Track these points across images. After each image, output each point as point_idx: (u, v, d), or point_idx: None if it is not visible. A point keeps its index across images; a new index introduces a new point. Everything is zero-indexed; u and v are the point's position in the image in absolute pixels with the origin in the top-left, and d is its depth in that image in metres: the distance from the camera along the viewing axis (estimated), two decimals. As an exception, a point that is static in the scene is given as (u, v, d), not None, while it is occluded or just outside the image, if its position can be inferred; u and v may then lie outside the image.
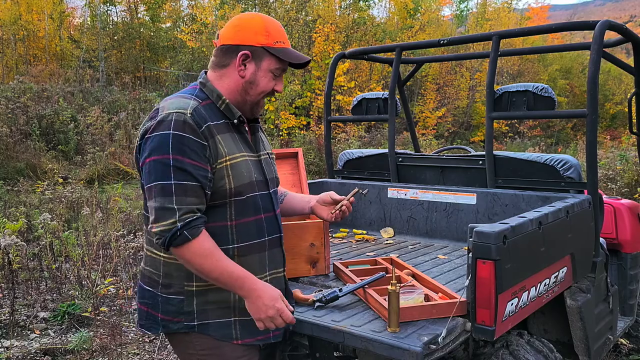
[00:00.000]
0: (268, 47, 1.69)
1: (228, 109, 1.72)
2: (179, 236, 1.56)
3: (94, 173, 11.55)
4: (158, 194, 1.57)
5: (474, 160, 3.30)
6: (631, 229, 3.40)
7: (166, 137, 1.58)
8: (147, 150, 1.61)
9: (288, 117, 16.67)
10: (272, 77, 1.73)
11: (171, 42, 21.69)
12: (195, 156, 1.59)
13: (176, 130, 1.58)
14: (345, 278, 2.34)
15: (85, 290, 4.77)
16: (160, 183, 1.57)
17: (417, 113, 21.01)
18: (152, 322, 1.75)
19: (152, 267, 1.76)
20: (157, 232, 1.58)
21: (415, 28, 23.53)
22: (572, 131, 25.72)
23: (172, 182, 1.56)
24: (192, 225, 1.57)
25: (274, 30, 1.71)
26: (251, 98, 1.74)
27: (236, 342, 1.72)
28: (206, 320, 1.70)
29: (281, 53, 1.70)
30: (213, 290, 1.69)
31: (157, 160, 1.58)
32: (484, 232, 1.88)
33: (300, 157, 3.18)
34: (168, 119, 1.60)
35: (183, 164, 1.57)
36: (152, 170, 1.59)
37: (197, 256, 1.58)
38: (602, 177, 9.36)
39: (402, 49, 3.57)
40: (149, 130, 1.62)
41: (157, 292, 1.74)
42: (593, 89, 2.66)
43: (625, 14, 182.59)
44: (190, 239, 1.56)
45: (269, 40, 1.69)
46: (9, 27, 19.49)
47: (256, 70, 1.71)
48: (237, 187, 1.68)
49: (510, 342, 2.17)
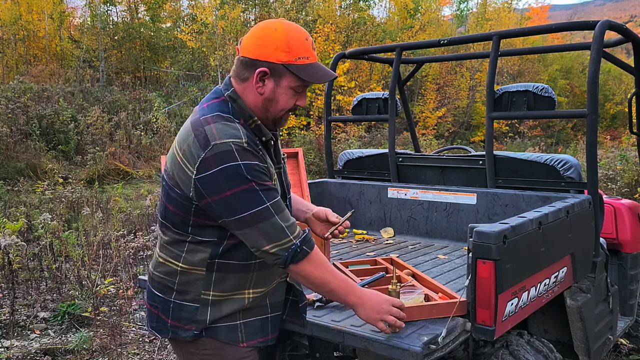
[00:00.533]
0: (288, 65, 1.59)
1: (259, 129, 1.67)
2: (300, 252, 1.58)
3: (94, 173, 11.56)
4: (258, 220, 1.54)
5: (474, 160, 3.30)
6: (631, 229, 3.39)
7: (238, 168, 1.52)
8: (219, 186, 1.53)
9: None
10: (292, 94, 1.65)
11: (171, 42, 21.70)
12: (267, 178, 1.58)
13: (243, 160, 1.52)
14: (345, 278, 2.33)
15: (85, 290, 4.77)
16: (254, 210, 1.53)
17: (417, 113, 21.02)
18: (162, 325, 1.74)
19: (165, 274, 1.72)
20: (274, 252, 1.57)
21: (416, 28, 23.55)
22: (572, 131, 25.74)
23: (267, 204, 1.54)
24: (307, 239, 1.60)
25: (296, 44, 1.59)
26: (272, 115, 1.68)
27: (242, 344, 1.71)
28: (215, 325, 1.69)
29: (303, 72, 1.60)
30: (228, 300, 1.69)
31: (240, 192, 1.52)
32: (484, 232, 1.88)
33: (300, 157, 3.18)
34: (229, 149, 1.52)
35: (266, 186, 1.56)
36: (238, 202, 1.53)
37: (316, 268, 1.61)
38: (602, 177, 9.36)
39: (402, 49, 3.57)
40: (209, 163, 1.53)
41: (169, 299, 1.71)
42: (593, 89, 2.65)
43: (625, 14, 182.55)
44: (309, 252, 1.60)
45: (290, 57, 1.59)
46: (9, 27, 19.51)
47: (275, 88, 1.63)
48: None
49: (510, 342, 2.17)
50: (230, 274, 1.67)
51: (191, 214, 1.61)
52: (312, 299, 2.05)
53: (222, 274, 1.66)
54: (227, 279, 1.67)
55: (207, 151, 1.53)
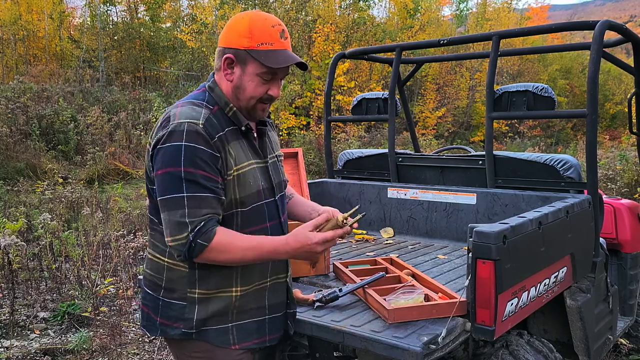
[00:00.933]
0: (250, 50, 1.60)
1: (236, 117, 1.68)
2: (195, 247, 1.55)
3: (94, 173, 11.55)
4: (171, 207, 1.56)
5: (474, 160, 3.30)
6: (631, 229, 3.40)
7: (178, 149, 1.55)
8: (159, 162, 1.58)
9: (288, 117, 16.67)
10: (260, 82, 1.65)
11: (171, 42, 21.68)
12: (208, 168, 1.56)
13: (188, 141, 1.55)
14: (345, 278, 2.34)
15: (85, 290, 4.77)
16: (172, 196, 1.55)
17: (417, 113, 21.01)
18: (152, 324, 1.75)
19: (153, 271, 1.75)
20: (173, 247, 1.57)
21: (415, 28, 23.54)
22: (572, 131, 25.73)
23: (184, 195, 1.54)
24: (202, 231, 1.55)
25: (259, 30, 1.61)
26: (242, 103, 1.68)
27: (234, 347, 1.70)
28: (204, 327, 1.69)
29: (264, 57, 1.60)
30: (215, 298, 1.68)
31: (169, 173, 1.56)
32: (484, 232, 1.88)
33: (300, 157, 3.18)
34: (180, 129, 1.56)
35: (195, 176, 1.54)
36: (165, 183, 1.57)
37: (221, 253, 1.57)
38: (602, 177, 9.36)
39: (402, 49, 3.57)
40: (161, 140, 1.59)
41: (158, 296, 1.72)
42: (593, 89, 2.66)
43: (625, 14, 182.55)
44: (206, 245, 1.55)
45: (251, 42, 1.60)
46: (9, 27, 19.50)
47: (242, 75, 1.64)
48: (242, 198, 1.66)
49: (510, 342, 2.17)
50: (213, 270, 1.66)
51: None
52: (312, 299, 2.05)
53: (205, 271, 1.66)
54: (211, 276, 1.67)
55: (164, 130, 1.59)
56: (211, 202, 1.57)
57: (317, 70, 18.49)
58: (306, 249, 1.59)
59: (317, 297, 2.05)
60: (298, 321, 1.94)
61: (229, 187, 1.63)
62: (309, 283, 2.41)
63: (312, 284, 2.39)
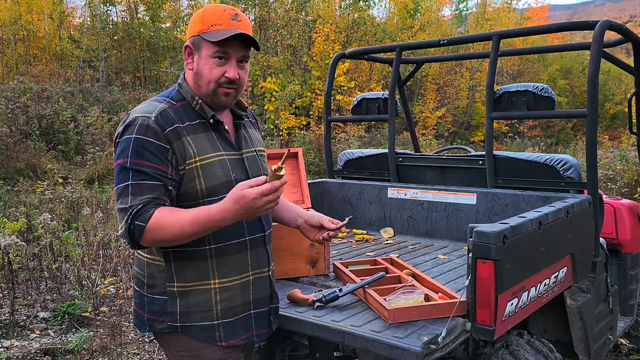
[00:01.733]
0: (202, 34, 1.65)
1: (202, 110, 1.71)
2: (134, 230, 1.55)
3: (94, 173, 11.55)
4: (118, 197, 1.60)
5: (474, 160, 3.30)
6: (631, 229, 3.40)
7: (129, 142, 1.60)
8: (115, 154, 1.65)
9: (288, 117, 16.68)
10: (215, 63, 1.66)
11: (171, 42, 21.69)
12: (154, 158, 1.59)
13: (138, 134, 1.60)
14: (345, 278, 2.34)
15: (85, 290, 4.77)
16: (119, 186, 1.60)
17: (417, 113, 21.02)
18: (140, 321, 1.77)
19: (138, 267, 1.79)
20: (120, 235, 1.60)
21: (415, 28, 23.55)
22: (572, 131, 25.73)
23: (129, 183, 1.58)
24: (140, 213, 1.55)
25: (210, 14, 1.66)
26: (202, 90, 1.70)
27: (220, 343, 1.71)
28: (188, 323, 1.70)
29: (210, 35, 1.63)
30: (194, 292, 1.69)
31: (119, 164, 1.61)
32: (484, 232, 1.88)
33: (300, 157, 3.18)
34: (134, 124, 1.62)
35: (140, 166, 1.58)
36: (115, 174, 1.63)
37: (159, 231, 1.55)
38: (602, 177, 9.36)
39: (402, 49, 3.57)
40: (118, 135, 1.65)
41: (143, 292, 1.75)
42: (593, 89, 2.66)
43: (625, 14, 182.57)
44: (144, 225, 1.54)
45: (203, 26, 1.66)
46: (9, 27, 19.51)
47: (199, 60, 1.68)
48: (209, 188, 1.66)
49: (510, 342, 2.17)
50: (188, 263, 1.68)
51: None
52: (312, 299, 2.05)
53: (180, 263, 1.68)
54: (187, 269, 1.69)
55: (122, 125, 1.66)
56: (155, 189, 1.59)
57: (317, 70, 18.49)
58: (246, 207, 1.51)
59: (317, 297, 2.05)
60: (298, 321, 1.94)
61: (190, 177, 1.65)
62: (309, 283, 2.41)
63: (312, 284, 2.39)
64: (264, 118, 16.71)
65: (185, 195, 1.65)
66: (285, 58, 18.62)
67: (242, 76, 1.71)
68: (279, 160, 1.61)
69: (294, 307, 2.05)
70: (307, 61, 18.83)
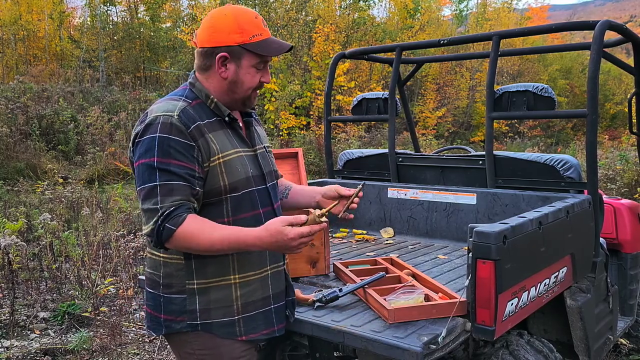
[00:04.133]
0: (245, 45, 1.66)
1: (217, 108, 1.72)
2: (163, 231, 1.56)
3: (94, 173, 11.55)
4: (145, 197, 1.60)
5: (474, 160, 3.30)
6: (631, 229, 3.40)
7: (153, 140, 1.59)
8: (137, 154, 1.63)
9: (288, 117, 16.67)
10: (255, 72, 1.71)
11: (171, 42, 21.68)
12: (182, 157, 1.59)
13: (162, 133, 1.59)
14: (345, 278, 2.34)
15: (85, 290, 4.77)
16: (146, 186, 1.59)
17: (417, 113, 21.01)
18: (156, 323, 1.76)
19: (152, 268, 1.77)
20: (146, 233, 1.60)
21: (415, 28, 23.54)
22: (572, 131, 25.73)
23: (157, 184, 1.58)
24: (172, 216, 1.56)
25: (247, 24, 1.66)
26: (239, 95, 1.73)
27: (240, 338, 1.72)
28: (209, 320, 1.70)
29: (259, 48, 1.66)
30: (214, 288, 1.70)
31: (144, 164, 1.60)
32: (484, 232, 1.88)
33: (300, 157, 3.18)
34: (155, 122, 1.61)
35: (168, 165, 1.58)
36: (140, 174, 1.61)
37: (189, 240, 1.57)
38: (602, 177, 9.36)
39: (402, 49, 3.57)
40: (139, 134, 1.64)
41: (158, 293, 1.74)
42: (593, 89, 2.66)
43: (625, 14, 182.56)
44: (174, 229, 1.56)
45: (244, 37, 1.65)
46: (9, 27, 19.50)
47: (237, 70, 1.69)
48: (231, 184, 1.68)
49: (510, 342, 2.17)
50: (208, 259, 1.68)
51: None
52: (312, 299, 2.05)
53: (201, 261, 1.69)
54: (207, 265, 1.69)
55: (141, 124, 1.65)
56: (184, 190, 1.59)
57: (317, 70, 18.48)
58: (281, 244, 1.56)
59: (317, 297, 2.05)
60: (298, 321, 1.94)
61: (214, 173, 1.65)
62: (309, 283, 2.41)
63: (312, 284, 2.39)
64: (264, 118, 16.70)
65: (209, 192, 1.66)
66: (285, 58, 18.61)
67: None
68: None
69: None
70: (307, 61, 18.83)
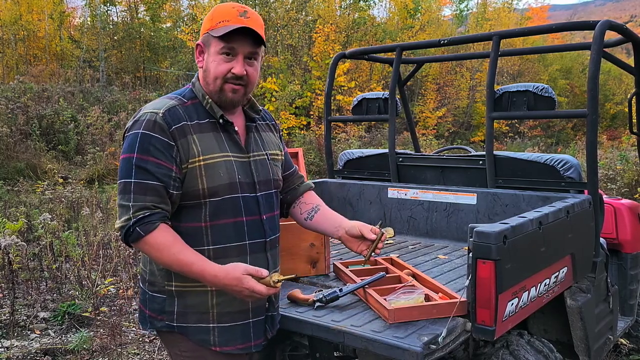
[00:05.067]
0: (210, 31, 1.67)
1: (212, 109, 1.72)
2: (132, 233, 1.59)
3: (94, 173, 11.55)
4: (120, 191, 1.63)
5: (474, 160, 3.30)
6: (631, 229, 3.39)
7: (135, 137, 1.62)
8: (122, 150, 1.67)
9: (288, 117, 16.68)
10: (222, 60, 1.67)
11: (171, 42, 21.68)
12: (161, 155, 1.61)
13: (145, 129, 1.62)
14: (345, 278, 2.33)
15: (85, 290, 4.77)
16: (123, 181, 1.62)
17: (417, 113, 21.01)
18: (142, 317, 1.79)
19: (143, 264, 1.80)
20: (117, 228, 1.63)
21: (416, 28, 23.54)
22: (572, 131, 25.73)
23: (133, 181, 1.60)
24: (145, 221, 1.58)
25: (218, 13, 1.67)
26: (210, 87, 1.71)
27: (214, 348, 1.70)
28: (185, 324, 1.69)
29: (218, 31, 1.64)
30: (191, 293, 1.69)
31: (125, 159, 1.63)
32: (484, 232, 1.88)
33: (301, 157, 3.18)
34: (141, 119, 1.64)
35: (146, 163, 1.60)
36: (120, 168, 1.64)
37: (154, 250, 1.60)
38: (602, 177, 9.36)
39: (403, 49, 3.57)
40: (127, 129, 1.68)
41: (145, 289, 1.77)
42: (593, 89, 2.65)
43: (625, 14, 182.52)
44: (143, 235, 1.58)
45: (212, 23, 1.67)
46: (9, 27, 19.51)
47: (207, 57, 1.70)
48: (211, 188, 1.65)
49: (510, 342, 2.17)
50: None
51: None
52: (312, 299, 2.05)
53: None
54: None
55: (131, 121, 1.69)
56: (158, 191, 1.61)
57: (317, 70, 18.48)
58: (235, 289, 1.59)
59: (317, 297, 2.05)
60: (298, 321, 1.94)
61: (193, 176, 1.64)
62: (309, 283, 2.41)
63: (312, 284, 2.39)
64: (264, 118, 16.68)
65: (187, 194, 1.65)
66: (285, 58, 18.62)
67: (250, 73, 1.70)
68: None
69: (294, 307, 2.05)
70: (307, 61, 18.84)
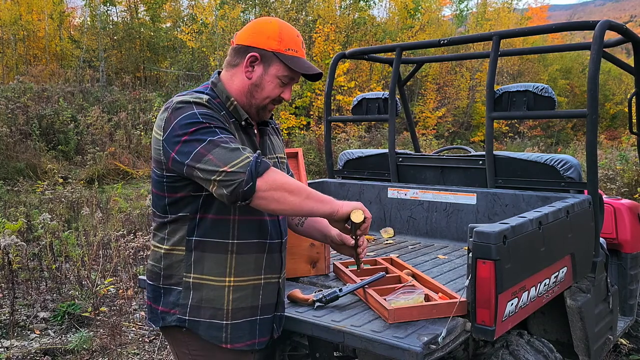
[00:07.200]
0: (278, 53, 1.68)
1: (236, 111, 1.72)
2: (261, 163, 1.52)
3: (94, 173, 11.56)
4: (210, 149, 1.52)
5: (474, 160, 3.30)
6: (631, 229, 3.39)
7: (193, 115, 1.57)
8: (177, 134, 1.56)
9: (288, 117, 16.69)
10: (278, 84, 1.72)
11: (171, 42, 21.70)
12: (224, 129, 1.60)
13: (200, 108, 1.60)
14: (345, 278, 2.34)
15: (85, 290, 4.77)
16: (207, 141, 1.53)
17: (417, 113, 21.02)
18: (154, 315, 1.77)
19: (154, 261, 1.78)
20: (235, 170, 1.49)
21: (416, 28, 23.55)
22: (572, 131, 25.75)
23: (219, 136, 1.55)
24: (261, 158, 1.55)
25: (287, 37, 1.70)
26: (256, 101, 1.73)
27: (225, 345, 1.71)
28: (197, 318, 1.69)
29: (290, 61, 1.69)
30: (208, 286, 1.69)
31: (195, 131, 1.55)
32: (484, 232, 1.88)
33: (300, 157, 3.18)
34: (187, 101, 1.62)
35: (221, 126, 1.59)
36: (193, 141, 1.54)
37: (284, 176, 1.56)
38: (602, 177, 9.36)
39: (403, 49, 3.57)
40: (170, 118, 1.59)
41: (158, 285, 1.76)
42: (593, 89, 2.66)
43: (625, 14, 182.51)
44: (269, 166, 1.54)
45: (280, 46, 1.69)
46: (9, 27, 19.51)
47: (263, 74, 1.70)
48: None
49: (510, 342, 2.17)
50: (207, 254, 1.69)
51: (165, 189, 1.67)
52: (312, 299, 2.05)
53: (200, 253, 1.69)
54: (206, 260, 1.69)
55: (168, 110, 1.62)
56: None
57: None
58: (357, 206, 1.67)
59: (317, 297, 2.05)
60: (298, 321, 1.94)
61: None
62: (309, 283, 2.41)
63: (312, 284, 2.39)
64: (264, 118, 16.71)
65: None
66: (285, 58, 18.62)
67: None
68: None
69: (294, 307, 2.05)
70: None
